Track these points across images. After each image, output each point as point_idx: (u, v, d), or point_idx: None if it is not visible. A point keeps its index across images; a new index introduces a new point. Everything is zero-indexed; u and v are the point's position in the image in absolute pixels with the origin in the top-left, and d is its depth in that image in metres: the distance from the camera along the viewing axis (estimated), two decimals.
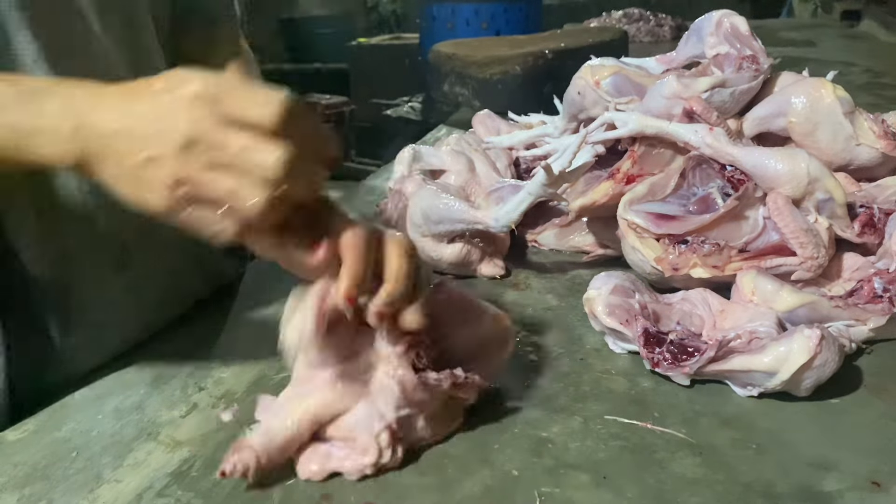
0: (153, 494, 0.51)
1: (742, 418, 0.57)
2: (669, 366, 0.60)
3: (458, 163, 0.90)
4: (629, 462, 0.52)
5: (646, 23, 2.62)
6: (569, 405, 0.59)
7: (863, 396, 0.59)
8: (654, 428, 0.56)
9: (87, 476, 0.53)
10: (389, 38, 4.54)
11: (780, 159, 0.70)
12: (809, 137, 0.78)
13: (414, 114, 2.72)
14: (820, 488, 0.49)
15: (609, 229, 0.81)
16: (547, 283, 0.81)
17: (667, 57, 0.98)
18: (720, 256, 0.70)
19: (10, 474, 0.54)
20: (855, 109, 0.79)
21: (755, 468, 0.51)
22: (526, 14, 2.43)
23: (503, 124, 1.07)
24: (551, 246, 0.89)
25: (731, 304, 0.66)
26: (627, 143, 0.80)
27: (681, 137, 0.76)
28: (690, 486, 0.50)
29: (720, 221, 0.71)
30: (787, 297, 0.63)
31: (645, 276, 0.73)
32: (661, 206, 0.74)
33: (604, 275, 0.68)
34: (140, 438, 0.57)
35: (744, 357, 0.57)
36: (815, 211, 0.70)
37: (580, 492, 0.49)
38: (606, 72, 0.88)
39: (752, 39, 0.88)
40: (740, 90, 0.81)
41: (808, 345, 0.55)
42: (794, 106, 0.79)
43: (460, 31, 2.35)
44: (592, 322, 0.67)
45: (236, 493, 0.51)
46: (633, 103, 0.85)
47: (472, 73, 1.61)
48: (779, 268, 0.69)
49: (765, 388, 0.57)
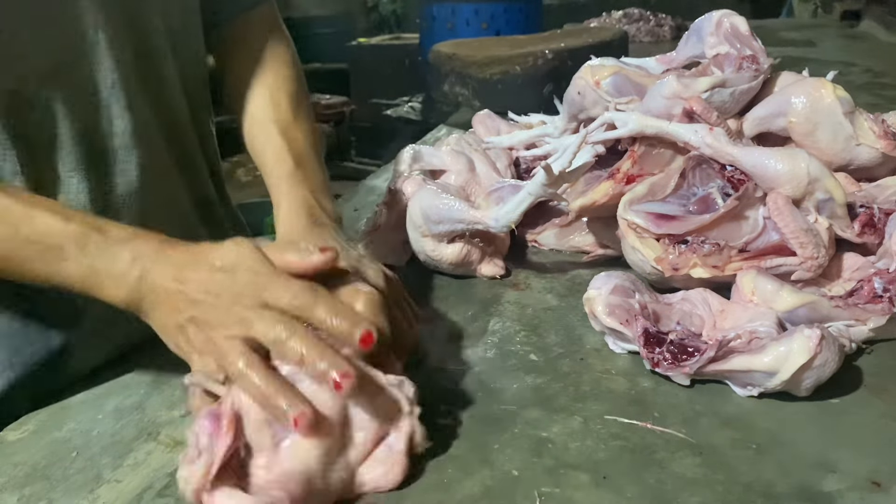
0: (153, 494, 0.51)
1: (742, 418, 0.57)
2: (669, 366, 0.60)
3: (458, 163, 0.90)
4: (629, 462, 0.52)
5: (646, 23, 2.62)
6: (569, 405, 0.59)
7: (863, 396, 0.59)
8: (654, 428, 0.56)
9: (87, 476, 0.53)
10: (389, 38, 4.54)
11: (780, 159, 0.70)
12: (809, 137, 0.78)
13: (414, 114, 2.72)
14: (820, 488, 0.49)
15: (609, 229, 0.81)
16: (547, 283, 0.81)
17: (667, 57, 0.98)
18: (720, 256, 0.70)
19: (10, 474, 0.54)
20: (855, 109, 0.79)
21: (755, 468, 0.51)
22: (526, 14, 2.44)
23: (503, 124, 1.07)
24: (551, 246, 0.89)
25: (731, 304, 0.66)
26: (627, 143, 0.80)
27: (681, 137, 0.76)
28: (690, 486, 0.50)
29: (720, 221, 0.71)
30: (787, 297, 0.63)
31: (645, 276, 0.73)
32: (661, 206, 0.74)
33: (604, 275, 0.68)
34: (140, 438, 0.57)
35: (744, 357, 0.57)
36: (815, 211, 0.70)
37: (580, 492, 0.49)
38: (606, 72, 0.88)
39: (752, 39, 0.88)
40: (740, 90, 0.81)
41: (808, 345, 0.55)
42: (794, 106, 0.79)
43: (460, 31, 2.35)
44: (592, 322, 0.67)
45: None
46: (633, 103, 0.85)
47: (472, 73, 1.61)
48: (779, 268, 0.69)
49: (765, 388, 0.57)
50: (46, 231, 0.54)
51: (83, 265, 0.53)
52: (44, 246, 0.54)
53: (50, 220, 0.54)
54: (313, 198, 0.67)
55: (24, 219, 0.54)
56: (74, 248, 0.53)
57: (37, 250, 0.54)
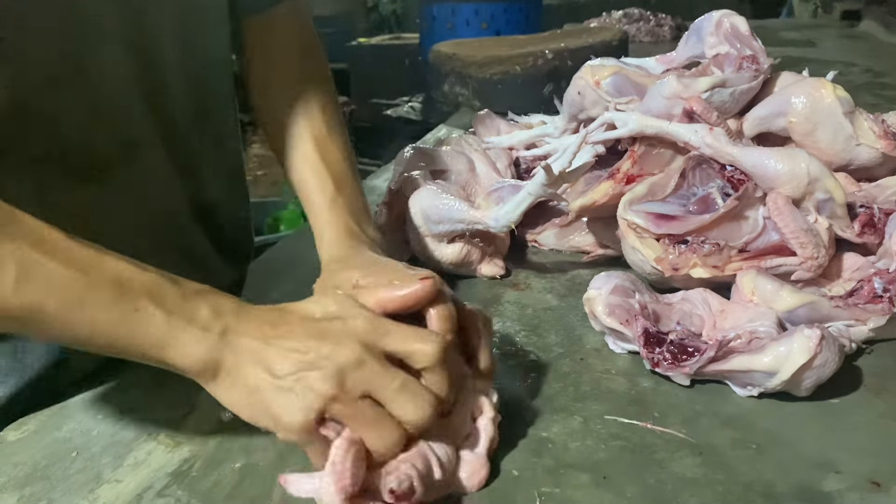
0: (153, 494, 0.51)
1: (742, 418, 0.57)
2: (669, 366, 0.60)
3: (458, 163, 0.90)
4: (629, 462, 0.52)
5: (646, 23, 2.62)
6: (569, 405, 0.59)
7: (863, 396, 0.59)
8: (654, 428, 0.56)
9: (87, 476, 0.53)
10: (389, 38, 4.53)
11: (780, 159, 0.70)
12: (809, 137, 0.78)
13: (414, 114, 2.72)
14: (820, 488, 0.49)
15: (609, 229, 0.81)
16: (547, 283, 0.81)
17: (667, 57, 0.98)
18: (720, 256, 0.70)
19: (10, 474, 0.54)
20: (855, 109, 0.79)
21: (755, 468, 0.51)
22: (526, 14, 2.44)
23: (503, 124, 1.07)
24: (551, 246, 0.89)
25: (731, 304, 0.66)
26: (627, 143, 0.80)
27: (681, 137, 0.76)
28: (690, 486, 0.50)
29: (720, 221, 0.71)
30: (787, 297, 0.63)
31: (645, 276, 0.73)
32: (661, 206, 0.74)
33: (604, 275, 0.68)
34: (140, 438, 0.57)
35: (744, 357, 0.57)
36: (815, 211, 0.70)
37: (580, 492, 0.49)
38: (606, 72, 0.88)
39: (752, 39, 0.88)
40: (740, 90, 0.81)
41: (808, 345, 0.55)
42: (794, 106, 0.79)
43: (460, 31, 2.36)
44: (592, 322, 0.67)
45: (236, 493, 0.51)
46: (633, 103, 0.85)
47: (472, 73, 1.61)
48: (779, 268, 0.69)
49: (765, 388, 0.57)
50: (118, 277, 0.47)
51: (159, 318, 0.47)
52: (117, 293, 0.47)
53: (122, 265, 0.48)
54: (356, 225, 0.66)
55: (94, 262, 0.47)
56: (148, 299, 0.47)
57: (110, 298, 0.46)
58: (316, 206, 0.68)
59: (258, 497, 0.50)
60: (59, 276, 0.46)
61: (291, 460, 0.53)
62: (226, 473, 0.53)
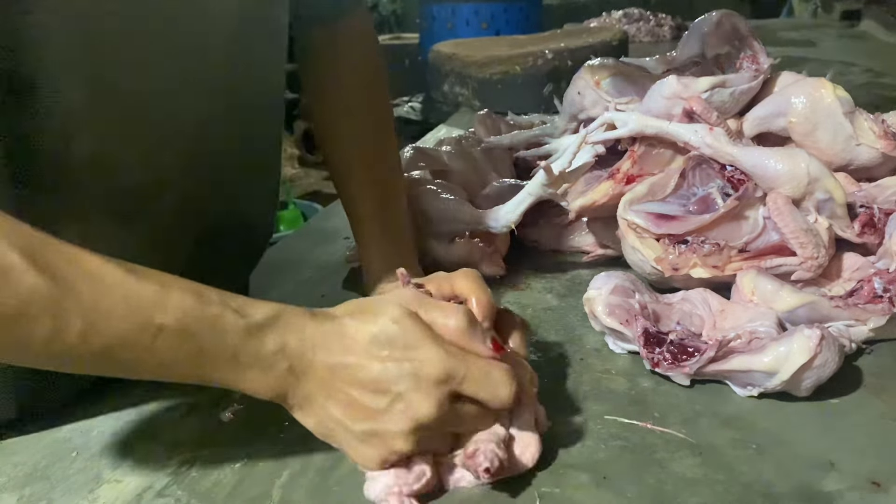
0: (153, 494, 0.51)
1: (742, 418, 0.57)
2: (669, 366, 0.60)
3: (458, 163, 0.90)
4: (629, 462, 0.52)
5: (646, 23, 2.62)
6: (569, 405, 0.59)
7: (863, 396, 0.59)
8: (654, 428, 0.56)
9: (87, 476, 0.53)
10: (389, 38, 4.53)
11: (780, 159, 0.70)
12: (809, 137, 0.78)
13: (414, 114, 2.72)
14: (820, 488, 0.49)
15: (609, 229, 0.81)
16: (547, 283, 0.81)
17: (667, 57, 0.98)
18: (720, 256, 0.70)
19: (10, 474, 0.54)
20: (855, 109, 0.79)
21: (755, 468, 0.51)
22: (526, 14, 2.44)
23: (503, 124, 1.07)
24: (551, 246, 0.89)
25: (731, 304, 0.66)
26: (627, 143, 0.80)
27: (681, 137, 0.76)
28: (690, 486, 0.50)
29: (720, 221, 0.71)
30: (787, 297, 0.63)
31: (645, 276, 0.73)
32: (661, 206, 0.74)
33: (604, 275, 0.68)
34: (140, 438, 0.57)
35: (744, 357, 0.57)
36: (815, 211, 0.70)
37: (580, 492, 0.49)
38: (606, 72, 0.88)
39: (752, 39, 0.88)
40: (740, 90, 0.81)
41: (808, 345, 0.55)
42: (794, 106, 0.79)
43: (460, 31, 2.36)
44: (592, 322, 0.67)
45: (236, 493, 0.51)
46: (633, 103, 0.85)
47: (472, 73, 1.61)
48: (779, 268, 0.69)
49: (765, 388, 0.57)
50: (182, 318, 0.45)
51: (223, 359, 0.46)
52: (181, 338, 0.45)
53: (187, 299, 0.46)
54: (402, 259, 0.68)
55: (158, 303, 0.45)
56: (212, 336, 0.46)
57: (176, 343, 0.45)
58: (366, 236, 0.73)
59: (258, 497, 0.50)
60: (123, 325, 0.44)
61: (292, 460, 0.53)
62: (226, 473, 0.53)
